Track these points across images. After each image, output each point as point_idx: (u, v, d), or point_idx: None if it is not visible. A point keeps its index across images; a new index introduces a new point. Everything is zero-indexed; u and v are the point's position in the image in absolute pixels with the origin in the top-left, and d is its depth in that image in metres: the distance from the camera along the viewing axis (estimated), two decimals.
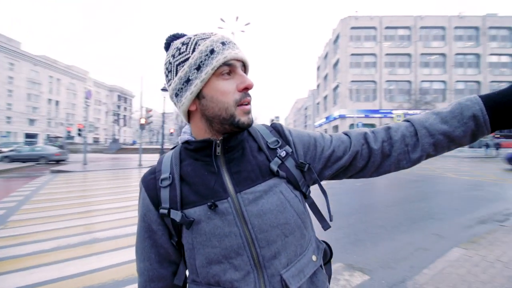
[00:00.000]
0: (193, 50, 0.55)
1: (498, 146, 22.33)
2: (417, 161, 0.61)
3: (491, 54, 35.51)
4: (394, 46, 35.29)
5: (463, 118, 0.55)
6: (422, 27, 35.24)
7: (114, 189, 7.83)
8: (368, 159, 0.62)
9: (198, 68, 0.54)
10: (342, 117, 33.84)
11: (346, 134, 0.67)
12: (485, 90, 34.38)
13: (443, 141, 0.58)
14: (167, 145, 37.68)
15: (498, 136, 30.85)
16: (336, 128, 36.25)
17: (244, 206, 0.54)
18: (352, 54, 34.50)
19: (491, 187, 7.88)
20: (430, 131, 0.58)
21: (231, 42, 0.57)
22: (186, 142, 0.61)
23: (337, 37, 36.53)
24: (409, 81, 34.87)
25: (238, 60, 0.56)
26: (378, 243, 3.53)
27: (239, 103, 0.55)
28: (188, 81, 0.55)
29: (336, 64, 37.57)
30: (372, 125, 35.14)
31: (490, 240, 3.36)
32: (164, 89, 16.55)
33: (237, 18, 18.06)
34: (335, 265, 2.86)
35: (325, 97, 43.28)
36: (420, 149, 0.59)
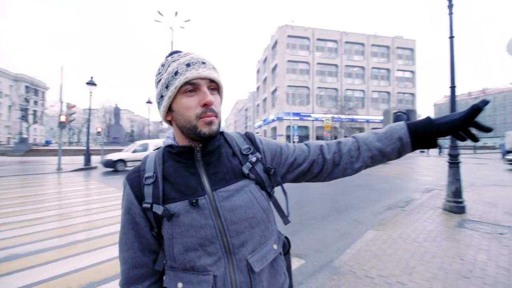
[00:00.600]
0: (166, 71, 0.65)
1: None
2: (359, 170, 0.75)
3: (398, 70, 42.85)
4: (324, 56, 39.22)
5: (392, 139, 0.71)
6: (346, 42, 40.09)
7: (24, 199, 6.63)
8: (322, 166, 0.75)
9: (167, 87, 0.64)
10: (279, 119, 35.86)
11: (306, 145, 0.79)
12: (393, 99, 41.35)
13: (378, 155, 0.73)
14: (95, 147, 33.24)
15: None
16: (274, 129, 38.19)
17: (218, 202, 0.64)
18: (289, 61, 36.91)
19: (395, 180, 9.61)
20: (369, 147, 0.73)
21: (198, 62, 0.65)
22: (169, 146, 0.70)
23: (276, 43, 38.55)
24: (336, 89, 39.25)
25: (203, 79, 0.64)
26: (312, 232, 3.99)
27: (201, 117, 0.63)
28: (162, 96, 0.67)
29: (274, 68, 39.59)
30: (306, 128, 38.32)
31: (394, 222, 4.17)
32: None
33: (176, 13, 17.28)
34: None
35: (265, 100, 45.13)
36: (361, 160, 0.73)
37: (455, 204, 4.65)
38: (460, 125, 0.64)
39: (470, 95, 76.48)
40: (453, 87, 4.68)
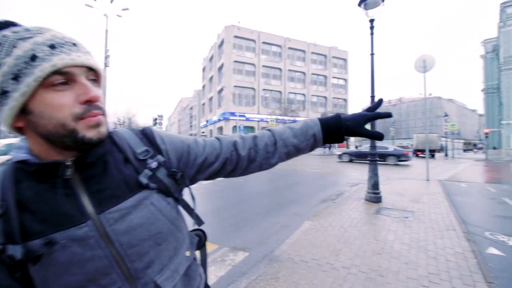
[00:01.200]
0: (9, 54, 0.44)
1: (330, 146, 30.59)
2: (275, 165, 0.74)
3: (333, 77, 47.31)
4: (269, 60, 40.80)
5: (307, 135, 0.72)
6: (289, 48, 42.47)
7: None
8: (236, 163, 0.70)
9: (16, 78, 0.44)
10: (226, 119, 35.92)
11: (218, 140, 0.71)
12: (329, 104, 45.55)
13: (293, 151, 0.73)
14: None
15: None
16: (220, 129, 38.06)
17: (108, 226, 0.49)
18: (235, 61, 37.26)
19: (330, 177, 10.73)
20: (285, 143, 0.72)
21: (67, 44, 0.48)
22: (22, 162, 0.49)
23: (222, 42, 38.43)
24: (280, 92, 41.25)
25: (79, 66, 0.47)
26: (255, 227, 4.24)
27: (81, 117, 0.47)
28: (4, 93, 0.45)
29: (221, 68, 39.45)
30: (252, 128, 39.25)
31: (326, 213, 4.73)
32: None
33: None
34: (223, 250, 3.28)
35: (211, 99, 44.58)
36: (278, 156, 0.72)
37: (374, 195, 5.51)
38: (364, 121, 0.72)
39: (390, 103, 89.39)
40: (372, 96, 5.54)
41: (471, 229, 4.04)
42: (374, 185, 5.53)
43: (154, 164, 0.58)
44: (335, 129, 0.72)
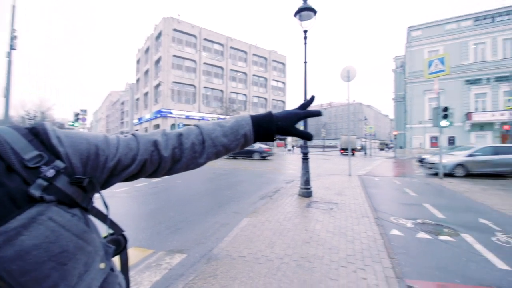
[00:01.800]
0: None
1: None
2: (203, 164, 0.70)
3: (273, 80, 49.51)
4: (210, 57, 40.19)
5: (238, 135, 0.69)
6: (231, 47, 42.66)
7: None
8: (158, 165, 0.63)
9: None
10: (163, 116, 33.91)
11: (135, 138, 0.62)
12: (269, 105, 47.54)
13: (222, 150, 0.70)
14: None
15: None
16: (157, 127, 35.75)
17: None
18: (174, 56, 35.50)
19: (269, 174, 11.26)
20: (214, 142, 0.68)
21: None
22: None
23: (160, 34, 36.11)
24: (221, 90, 41.09)
25: None
26: (194, 227, 4.18)
27: None
28: None
29: (158, 61, 37.03)
30: None
31: (264, 209, 4.99)
32: None
33: None
34: (158, 254, 3.14)
35: (146, 94, 41.43)
36: (206, 156, 0.68)
37: (306, 190, 6.06)
38: (296, 120, 0.72)
39: (322, 106, 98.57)
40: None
41: (380, 215, 4.82)
42: (306, 182, 6.07)
43: (50, 173, 0.46)
44: (266, 129, 0.70)
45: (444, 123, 9.85)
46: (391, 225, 4.26)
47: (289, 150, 35.99)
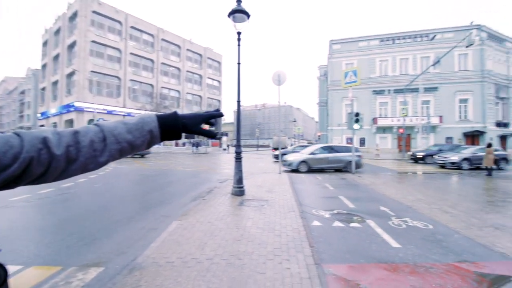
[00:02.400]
0: None
1: (198, 145, 31.30)
2: (104, 164, 0.65)
3: (208, 77, 48.60)
4: (139, 48, 36.79)
5: (143, 131, 0.67)
6: (163, 40, 40.01)
7: None
8: (49, 165, 0.55)
9: None
10: (79, 110, 29.40)
11: (18, 135, 0.53)
12: (204, 103, 46.52)
13: (127, 147, 0.66)
14: None
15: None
16: (70, 122, 30.73)
17: None
18: (94, 42, 31.13)
19: (203, 174, 11.03)
20: (118, 139, 0.64)
21: None
22: None
23: (75, 14, 31.08)
24: (151, 85, 38.12)
25: None
26: (115, 236, 3.76)
27: None
28: None
29: (72, 46, 31.83)
30: None
31: (195, 210, 4.86)
32: None
33: None
34: (68, 271, 2.70)
35: (55, 83, 35.09)
36: (108, 154, 0.63)
37: (238, 189, 6.18)
38: (201, 120, 0.74)
39: (256, 107, 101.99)
40: (238, 101, 6.19)
41: (304, 209, 5.30)
42: (239, 180, 6.20)
43: None
44: (172, 126, 0.71)
45: (356, 126, 11.48)
46: (312, 217, 4.73)
47: (224, 149, 36.02)
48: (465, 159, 13.70)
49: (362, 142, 32.39)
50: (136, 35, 36.59)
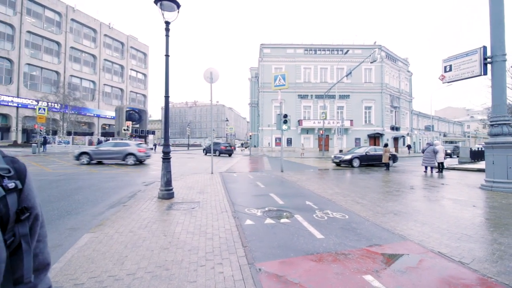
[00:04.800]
0: None
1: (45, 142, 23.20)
2: None
3: (132, 69, 43.94)
4: (39, 26, 30.44)
5: None
6: (74, 20, 34.22)
7: None
8: None
9: None
10: None
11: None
12: (127, 97, 41.84)
13: None
14: None
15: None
16: None
17: None
18: None
19: (124, 177, 9.83)
20: None
21: None
22: None
23: None
24: (57, 72, 32.10)
25: None
26: None
27: None
28: None
29: None
30: (5, 116, 27.41)
31: (114, 219, 4.24)
32: None
33: None
34: None
35: None
36: None
37: (167, 191, 5.72)
38: None
39: (187, 104, 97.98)
40: (167, 96, 5.72)
41: (237, 208, 5.29)
42: (167, 182, 5.74)
43: (10, 185, 0.56)
44: None
45: (284, 126, 12.22)
46: (245, 216, 4.75)
47: (151, 148, 33.24)
48: (356, 157, 15.56)
49: (289, 142, 34.96)
50: (36, 10, 30.21)
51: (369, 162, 15.85)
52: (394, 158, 16.52)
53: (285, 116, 12.23)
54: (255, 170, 13.83)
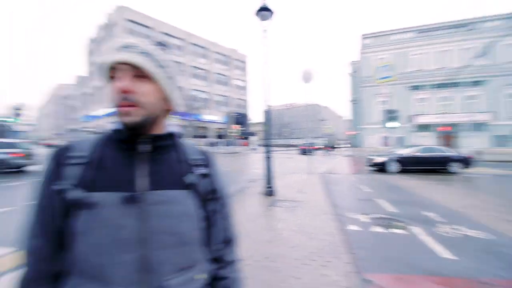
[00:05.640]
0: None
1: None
2: None
3: (236, 79, 49.21)
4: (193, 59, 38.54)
5: None
6: (192, 43, 41.22)
7: None
8: None
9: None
10: None
11: None
12: (231, 103, 47.14)
13: None
14: None
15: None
16: None
17: (149, 205, 0.57)
18: None
19: (232, 175, 11.11)
20: None
21: (128, 46, 0.58)
22: (115, 131, 0.63)
23: (113, 23, 33.34)
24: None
25: (123, 64, 0.57)
26: None
27: (118, 105, 0.57)
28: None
29: None
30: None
31: None
32: None
33: None
34: None
35: (100, 88, 38.00)
36: None
37: (269, 189, 6.07)
38: None
39: (286, 106, 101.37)
40: (267, 102, 6.08)
41: (339, 211, 5.03)
42: (269, 180, 6.09)
43: (204, 171, 0.69)
44: None
45: (392, 124, 10.76)
46: (348, 220, 4.46)
47: (253, 149, 36.27)
48: (394, 160, 11.63)
49: (400, 141, 30.38)
50: (166, 40, 38.33)
51: (418, 166, 11.45)
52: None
53: (393, 112, 10.74)
54: (357, 172, 12.79)
